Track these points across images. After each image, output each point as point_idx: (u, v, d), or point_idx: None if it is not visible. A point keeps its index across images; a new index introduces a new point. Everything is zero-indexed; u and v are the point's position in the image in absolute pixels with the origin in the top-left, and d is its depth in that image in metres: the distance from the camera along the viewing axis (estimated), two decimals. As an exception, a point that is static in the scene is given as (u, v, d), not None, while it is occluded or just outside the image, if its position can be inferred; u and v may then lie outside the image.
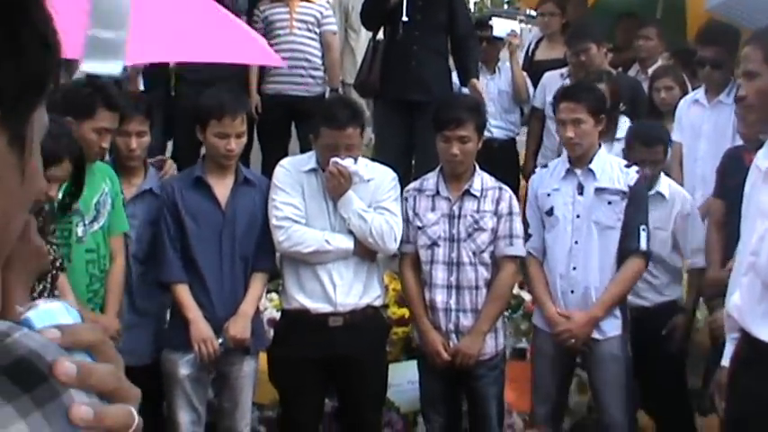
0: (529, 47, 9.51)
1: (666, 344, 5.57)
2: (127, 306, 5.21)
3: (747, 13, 6.87)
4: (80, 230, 4.77)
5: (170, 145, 7.75)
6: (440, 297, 5.32)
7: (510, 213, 5.35)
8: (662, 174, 5.63)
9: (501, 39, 8.63)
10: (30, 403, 0.90)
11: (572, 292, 5.41)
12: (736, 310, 4.04)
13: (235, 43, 5.97)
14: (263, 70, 8.11)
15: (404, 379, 5.97)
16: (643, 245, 5.35)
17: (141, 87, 7.15)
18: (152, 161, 5.55)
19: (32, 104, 1.02)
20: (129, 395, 1.01)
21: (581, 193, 5.42)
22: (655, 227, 5.35)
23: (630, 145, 5.70)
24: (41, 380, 0.91)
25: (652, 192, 5.40)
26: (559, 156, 5.86)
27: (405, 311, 6.09)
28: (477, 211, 5.33)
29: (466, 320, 5.32)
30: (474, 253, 5.30)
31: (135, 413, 0.99)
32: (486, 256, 5.32)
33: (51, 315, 1.01)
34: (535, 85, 8.36)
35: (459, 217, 5.33)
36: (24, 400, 0.89)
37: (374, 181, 5.27)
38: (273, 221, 5.16)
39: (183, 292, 5.13)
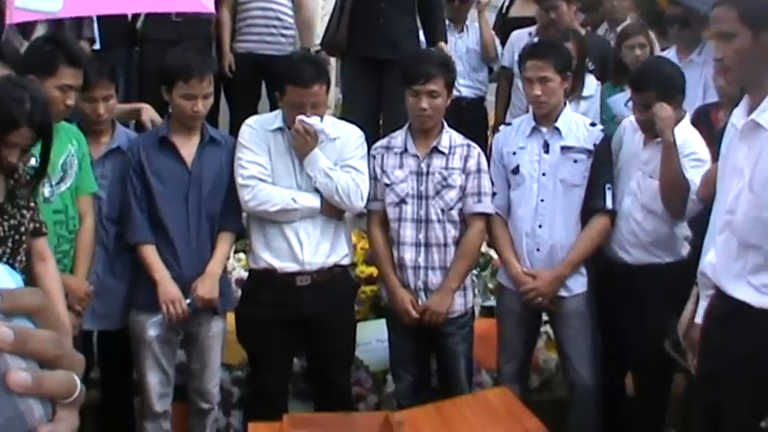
0: (503, 4, 9.47)
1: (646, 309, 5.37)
2: (106, 269, 5.19)
3: None
4: (47, 191, 4.73)
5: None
6: (408, 255, 5.32)
7: (478, 171, 5.34)
8: (681, 123, 5.29)
9: (465, 9, 8.54)
10: None
11: (537, 250, 5.42)
12: (710, 269, 4.09)
13: None
14: (234, 29, 8.05)
15: (373, 338, 5.98)
16: (609, 203, 5.34)
17: (97, 46, 7.07)
18: (128, 110, 5.51)
19: None
20: (72, 362, 0.98)
21: (547, 152, 5.41)
22: (649, 176, 5.26)
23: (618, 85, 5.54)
24: None
25: (658, 139, 5.19)
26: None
27: (373, 270, 6.09)
28: (446, 169, 5.32)
29: (435, 278, 5.32)
30: (442, 210, 5.30)
31: (78, 380, 0.96)
32: (454, 213, 5.32)
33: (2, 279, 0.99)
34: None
35: (428, 174, 5.32)
36: None
37: (340, 139, 5.24)
38: (239, 180, 5.13)
39: (150, 253, 5.11)
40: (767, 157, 3.81)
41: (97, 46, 7.09)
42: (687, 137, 5.20)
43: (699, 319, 4.29)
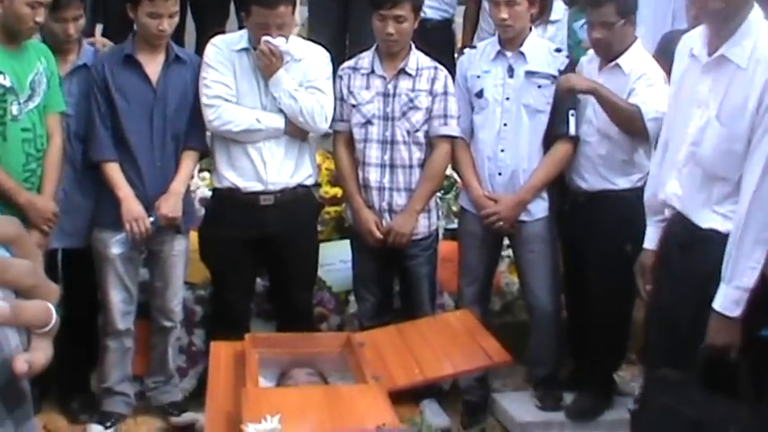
0: None
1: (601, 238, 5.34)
2: (74, 187, 5.18)
3: None
4: (15, 109, 4.70)
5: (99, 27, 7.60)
6: (373, 176, 5.33)
7: (445, 93, 5.34)
8: (633, 47, 5.28)
9: None
10: None
11: (499, 174, 5.43)
12: (676, 200, 4.14)
13: None
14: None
15: (336, 258, 5.98)
16: (572, 129, 5.34)
17: None
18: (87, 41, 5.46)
19: None
20: (47, 292, 0.98)
21: (511, 76, 5.39)
22: None
23: (585, 10, 5.49)
24: None
25: (612, 64, 5.22)
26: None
27: (337, 190, 6.08)
28: (412, 90, 5.32)
29: (399, 199, 5.34)
30: (408, 132, 5.31)
31: (53, 310, 0.96)
32: (420, 135, 5.33)
33: None
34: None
35: (394, 95, 5.31)
36: None
37: (306, 60, 5.22)
38: (204, 100, 5.12)
39: (114, 171, 5.10)
40: (737, 88, 3.85)
41: None
42: (638, 59, 5.21)
43: (650, 245, 4.38)
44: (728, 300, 3.80)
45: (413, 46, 5.38)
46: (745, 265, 3.76)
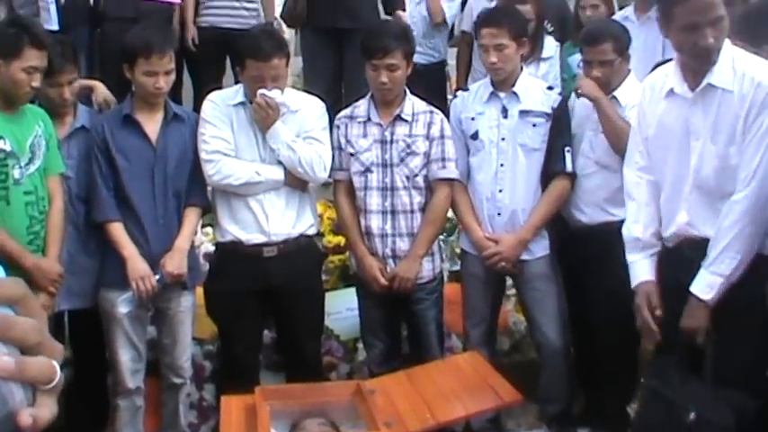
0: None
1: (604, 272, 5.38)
2: (78, 248, 5.19)
3: None
4: (17, 173, 4.72)
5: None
6: (375, 223, 5.34)
7: (442, 137, 5.36)
8: (627, 79, 5.39)
9: None
10: None
11: (499, 214, 5.45)
12: (687, 228, 4.31)
13: None
14: (197, 3, 8.03)
15: (342, 306, 6.01)
16: (568, 166, 5.38)
17: (56, 27, 7.05)
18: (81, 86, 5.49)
19: None
20: (52, 350, 1.00)
21: (505, 116, 5.43)
22: (601, 132, 5.29)
23: (581, 49, 5.57)
24: None
25: (608, 97, 5.29)
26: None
27: (340, 239, 6.12)
28: (409, 136, 5.34)
29: (402, 245, 5.35)
30: (407, 177, 5.32)
31: (57, 367, 0.98)
32: (419, 180, 5.35)
33: None
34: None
35: (392, 142, 5.34)
36: None
37: (302, 111, 5.26)
38: (203, 155, 5.15)
39: (118, 230, 5.12)
40: (727, 111, 4.06)
41: (56, 26, 7.07)
42: (634, 91, 5.26)
43: (649, 276, 4.49)
44: (704, 283, 4.14)
45: (407, 91, 5.41)
46: (725, 254, 4.09)
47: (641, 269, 4.51)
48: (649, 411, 4.51)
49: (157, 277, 5.07)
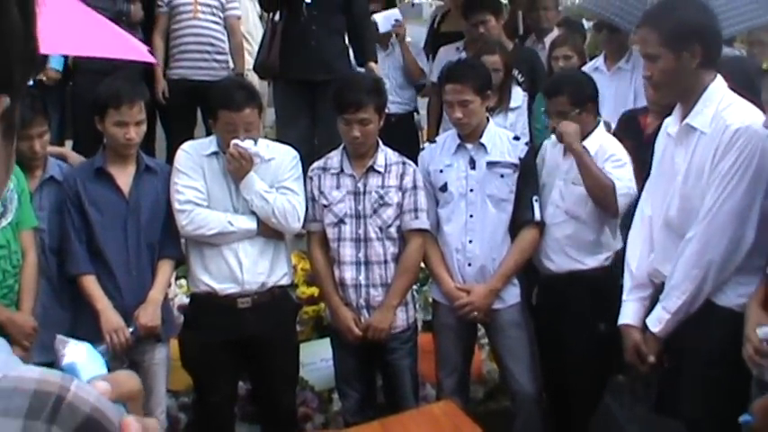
0: (434, 19, 9.51)
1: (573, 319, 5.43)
2: (53, 300, 5.18)
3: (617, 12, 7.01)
4: (-12, 227, 4.73)
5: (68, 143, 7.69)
6: (349, 274, 5.36)
7: (414, 187, 5.39)
8: (596, 130, 5.39)
9: (388, 33, 8.58)
10: None
11: (469, 265, 5.48)
12: (654, 266, 4.44)
13: (99, 38, 5.90)
14: (167, 55, 8.08)
15: (317, 357, 6.02)
16: (537, 215, 5.43)
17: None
18: (52, 154, 5.49)
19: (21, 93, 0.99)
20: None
21: (473, 168, 5.47)
22: (572, 182, 5.34)
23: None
24: None
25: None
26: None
27: (314, 290, 6.14)
28: (382, 187, 5.37)
29: (376, 295, 5.36)
30: (380, 228, 5.35)
31: None
32: (392, 230, 5.37)
33: (93, 360, 1.01)
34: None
35: (365, 193, 5.36)
36: None
37: (275, 161, 5.28)
38: (176, 205, 5.16)
39: (91, 283, 5.11)
40: (700, 152, 4.14)
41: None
42: (603, 142, 5.33)
43: (634, 322, 4.54)
44: (655, 316, 4.33)
45: (380, 142, 5.44)
46: (673, 291, 4.24)
47: (625, 310, 4.59)
48: (599, 427, 4.68)
49: (131, 330, 5.06)
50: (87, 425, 0.89)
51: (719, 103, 4.14)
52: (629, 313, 4.55)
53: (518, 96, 6.88)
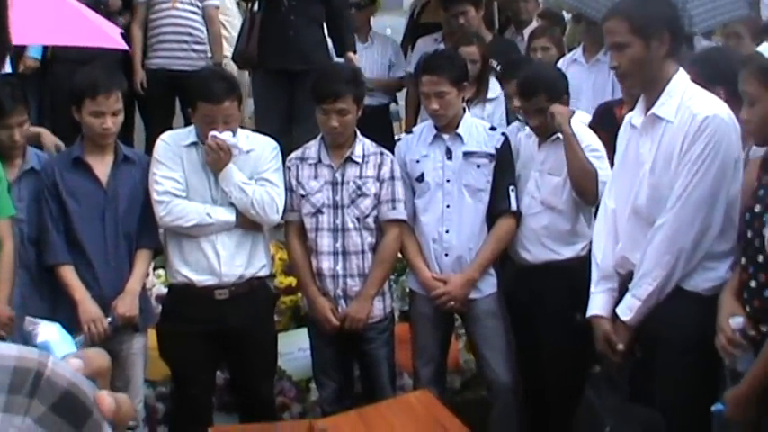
0: (414, 10, 9.52)
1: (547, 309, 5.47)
2: (32, 291, 5.18)
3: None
4: (-35, 216, 4.72)
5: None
6: (326, 264, 5.37)
7: (392, 178, 5.41)
8: (573, 117, 5.38)
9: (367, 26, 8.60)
10: None
11: (446, 255, 5.51)
12: (622, 255, 4.46)
13: (70, 27, 5.89)
14: (145, 45, 8.08)
15: (294, 347, 6.03)
16: (513, 205, 5.46)
17: (9, 70, 7.04)
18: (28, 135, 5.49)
19: None
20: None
21: (450, 158, 5.50)
22: (547, 173, 5.38)
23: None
24: (87, 415, 0.94)
25: (553, 137, 5.34)
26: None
27: (292, 280, 6.14)
28: (360, 177, 5.39)
29: (354, 285, 5.39)
30: (358, 219, 5.37)
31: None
32: (370, 221, 5.39)
33: (64, 339, 1.03)
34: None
35: (342, 184, 5.38)
36: None
37: (255, 152, 5.29)
38: (154, 196, 5.16)
39: (69, 273, 5.12)
40: (667, 141, 4.20)
41: (9, 69, 7.06)
42: (578, 131, 5.35)
43: (604, 313, 4.56)
44: (625, 304, 4.36)
45: (358, 133, 5.46)
46: (644, 279, 4.27)
47: (593, 302, 4.62)
48: (580, 418, 4.73)
49: (109, 320, 5.07)
50: (65, 399, 0.92)
51: (684, 94, 4.21)
52: (597, 304, 4.59)
53: (495, 87, 6.90)
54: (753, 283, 3.80)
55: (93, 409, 0.95)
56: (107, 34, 5.99)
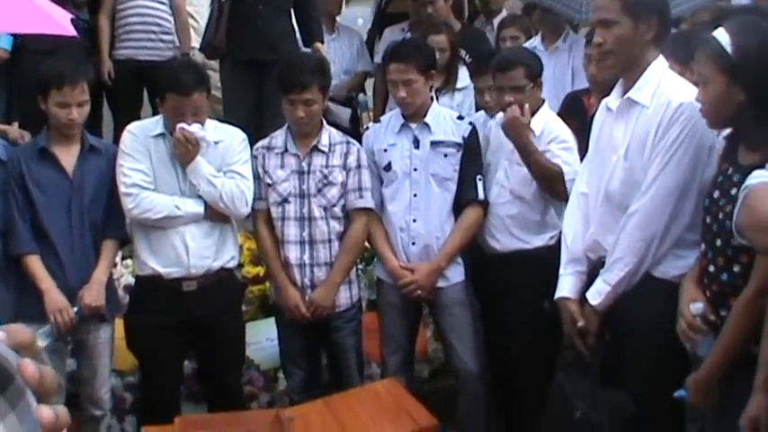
0: (381, 0, 9.52)
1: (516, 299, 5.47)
2: (1, 285, 5.15)
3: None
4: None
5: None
6: (293, 253, 5.38)
7: (358, 167, 5.42)
8: (541, 109, 5.40)
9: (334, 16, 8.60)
10: (5, 404, 0.94)
11: (413, 244, 5.52)
12: (594, 240, 4.49)
13: (16, 12, 5.85)
14: (113, 35, 8.05)
15: (262, 336, 6.04)
16: (480, 194, 5.47)
17: None
18: None
19: None
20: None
21: (417, 147, 5.51)
22: (517, 163, 5.35)
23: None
24: (10, 380, 0.95)
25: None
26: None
27: (260, 270, 6.15)
28: (326, 166, 5.39)
29: (321, 274, 5.39)
30: (325, 208, 5.37)
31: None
32: (337, 210, 5.40)
33: None
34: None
35: (309, 173, 5.38)
36: (0, 402, 0.94)
37: (223, 143, 5.29)
38: (122, 188, 5.15)
39: (35, 263, 5.10)
40: (641, 125, 4.23)
41: None
42: (549, 121, 5.37)
43: (572, 294, 4.60)
44: (595, 289, 4.39)
45: (324, 122, 5.47)
46: (615, 264, 4.30)
47: (562, 284, 4.65)
48: (551, 403, 4.77)
49: (75, 309, 5.06)
50: None
51: (661, 80, 4.23)
52: (566, 286, 4.62)
53: (464, 77, 6.91)
54: (711, 268, 3.82)
55: (17, 376, 0.96)
56: (55, 21, 5.94)
